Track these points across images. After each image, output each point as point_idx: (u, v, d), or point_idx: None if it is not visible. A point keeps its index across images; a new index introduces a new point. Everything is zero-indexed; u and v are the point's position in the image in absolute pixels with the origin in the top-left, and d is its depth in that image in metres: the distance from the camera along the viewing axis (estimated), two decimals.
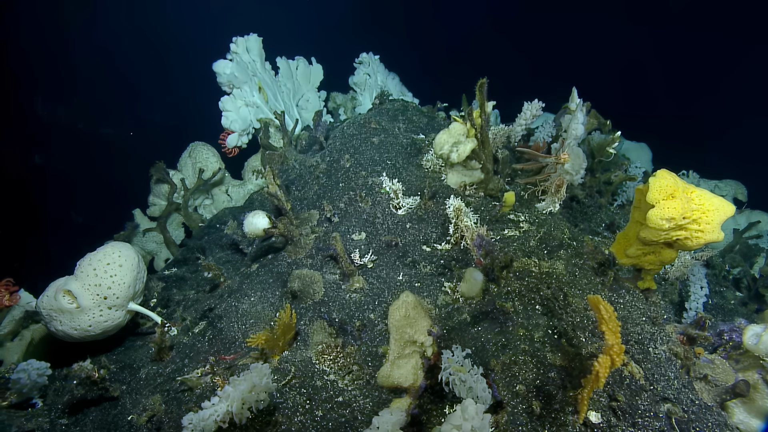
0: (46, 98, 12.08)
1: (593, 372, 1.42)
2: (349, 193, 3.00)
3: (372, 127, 3.46)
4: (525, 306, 2.19)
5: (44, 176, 11.59)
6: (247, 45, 4.23)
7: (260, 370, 1.63)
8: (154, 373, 2.36)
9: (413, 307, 1.75)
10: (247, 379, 1.62)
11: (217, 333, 2.49)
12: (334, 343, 2.33)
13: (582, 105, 2.50)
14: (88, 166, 12.74)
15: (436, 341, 1.81)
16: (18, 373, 2.19)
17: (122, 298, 2.50)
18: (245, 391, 1.60)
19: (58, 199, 11.78)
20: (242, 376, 1.63)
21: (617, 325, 1.40)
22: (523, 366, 1.84)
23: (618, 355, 1.37)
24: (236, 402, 1.62)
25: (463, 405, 1.32)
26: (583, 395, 1.49)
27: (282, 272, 2.74)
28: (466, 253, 2.52)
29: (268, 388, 1.65)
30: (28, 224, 10.61)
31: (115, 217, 13.50)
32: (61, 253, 11.71)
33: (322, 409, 1.85)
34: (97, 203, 12.38)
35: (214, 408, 1.63)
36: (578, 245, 2.58)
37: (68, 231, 11.69)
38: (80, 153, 12.60)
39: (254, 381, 1.61)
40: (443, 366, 1.76)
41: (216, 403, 1.64)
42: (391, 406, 1.66)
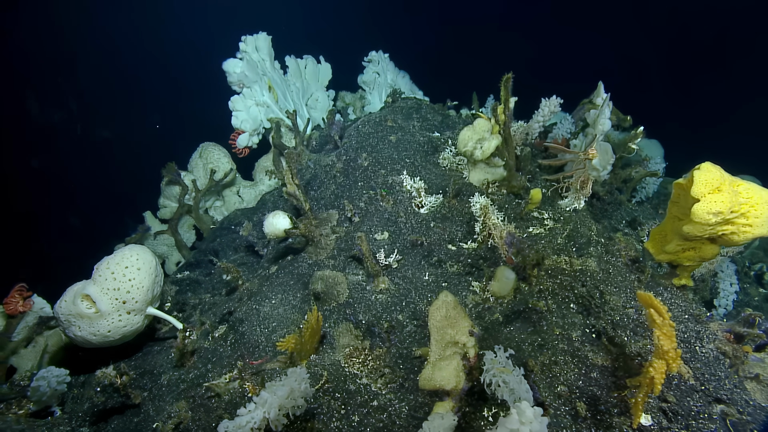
0: (43, 101, 11.96)
1: (647, 377, 1.37)
2: (368, 192, 2.94)
3: (389, 125, 3.41)
4: (559, 305, 2.15)
5: (42, 180, 11.46)
6: (257, 43, 4.17)
7: (298, 374, 1.57)
8: (176, 379, 2.29)
9: (453, 306, 1.70)
10: (286, 384, 1.56)
11: (239, 337, 2.43)
12: (362, 346, 2.28)
13: (609, 100, 2.46)
14: (86, 169, 12.60)
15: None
16: (38, 380, 2.12)
17: (141, 302, 2.44)
18: (284, 397, 1.54)
19: (56, 202, 11.64)
20: (280, 381, 1.57)
21: (671, 326, 1.35)
22: (564, 366, 1.79)
23: (674, 360, 1.32)
24: (274, 408, 1.56)
25: (520, 408, 1.27)
26: (636, 400, 1.44)
27: (303, 274, 2.68)
28: (493, 252, 2.47)
29: (306, 393, 1.59)
30: (26, 228, 10.48)
31: (113, 220, 13.36)
32: (59, 258, 11.59)
33: (359, 414, 1.79)
34: (95, 207, 12.25)
35: (251, 415, 1.57)
36: (607, 242, 2.53)
37: (66, 235, 11.56)
38: (78, 156, 12.47)
39: (293, 385, 1.55)
40: (485, 367, 1.71)
41: (252, 410, 1.58)
42: (434, 410, 1.60)
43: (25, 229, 10.63)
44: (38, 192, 11.69)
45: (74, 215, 12.74)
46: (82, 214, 12.57)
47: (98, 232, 12.58)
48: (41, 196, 11.62)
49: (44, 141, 12.01)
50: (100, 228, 12.71)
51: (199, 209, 3.79)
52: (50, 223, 11.64)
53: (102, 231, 12.86)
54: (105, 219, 12.84)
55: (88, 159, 12.98)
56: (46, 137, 12.15)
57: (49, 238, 11.36)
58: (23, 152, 11.65)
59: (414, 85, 4.84)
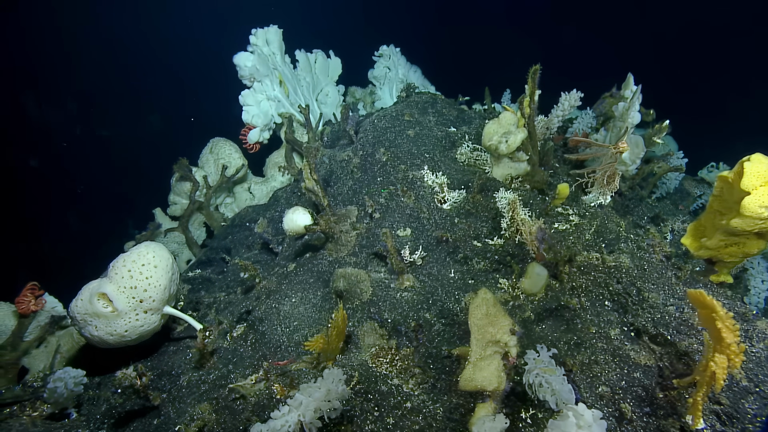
0: (41, 100, 11.84)
1: (707, 374, 1.31)
2: (389, 187, 2.87)
3: (406, 120, 3.34)
4: (593, 302, 2.08)
5: (40, 180, 11.34)
6: (267, 36, 4.09)
7: (335, 375, 1.50)
8: (196, 380, 2.22)
9: (493, 304, 1.63)
10: (323, 386, 1.49)
11: (259, 337, 2.36)
12: (388, 345, 2.21)
13: (639, 92, 2.40)
14: (85, 169, 12.48)
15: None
16: (55, 382, 2.05)
17: (158, 301, 2.36)
18: (320, 399, 1.48)
19: (55, 203, 11.52)
20: (315, 383, 1.51)
21: (731, 320, 1.29)
22: (605, 366, 1.73)
23: (737, 354, 1.26)
24: (309, 410, 1.49)
25: (576, 410, 1.21)
26: (695, 400, 1.38)
27: (323, 271, 2.61)
28: (521, 248, 2.40)
29: (342, 395, 1.53)
30: (25, 229, 10.36)
31: (113, 221, 13.26)
32: (58, 258, 11.48)
33: (393, 417, 1.72)
34: (94, 207, 12.13)
35: (285, 418, 1.50)
36: (637, 238, 2.47)
37: (66, 235, 11.44)
38: (77, 156, 12.34)
39: (330, 387, 1.48)
40: (527, 367, 1.64)
41: (286, 413, 1.51)
42: (476, 412, 1.54)
43: (24, 229, 10.52)
44: (38, 192, 11.57)
45: (74, 216, 12.62)
46: (81, 215, 12.45)
47: (98, 233, 12.47)
48: (41, 196, 11.50)
49: (44, 141, 11.90)
50: (99, 228, 12.61)
51: (210, 206, 3.71)
52: (50, 224, 11.53)
53: (102, 231, 12.77)
54: (105, 219, 12.74)
55: (88, 159, 12.86)
56: (45, 137, 12.04)
57: (48, 239, 11.26)
58: (22, 152, 11.53)
59: (426, 80, 4.77)
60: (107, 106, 13.46)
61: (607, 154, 2.35)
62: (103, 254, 10.34)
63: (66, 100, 12.63)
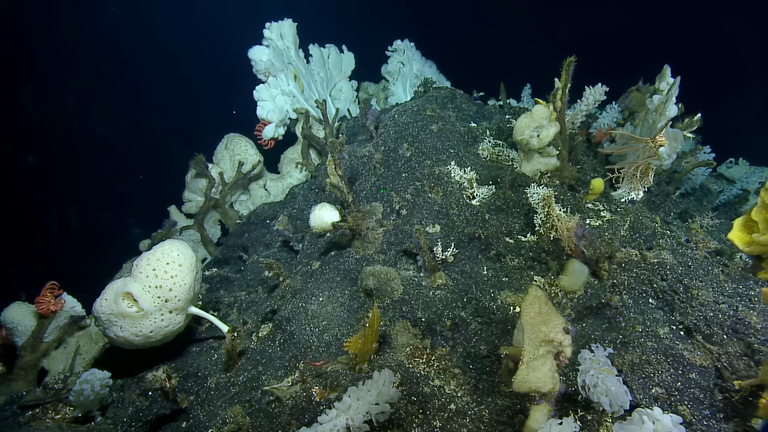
0: (39, 96, 11.71)
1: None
2: (414, 183, 2.81)
3: (428, 115, 3.27)
4: (635, 300, 2.03)
5: (38, 178, 11.22)
6: (281, 30, 4.01)
7: (386, 376, 1.44)
8: (225, 382, 2.16)
9: (545, 302, 1.57)
10: (373, 388, 1.43)
11: (288, 337, 2.29)
12: (422, 345, 2.15)
13: (678, 84, 2.33)
14: (83, 166, 12.36)
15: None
16: (81, 384, 1.98)
17: (183, 300, 2.29)
18: (371, 402, 1.41)
19: (54, 200, 11.41)
20: (366, 385, 1.44)
21: None
22: (658, 366, 1.67)
23: None
24: (359, 415, 1.43)
25: (652, 414, 1.15)
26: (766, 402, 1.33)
27: (350, 269, 2.54)
28: (556, 244, 2.34)
29: (392, 397, 1.46)
30: (23, 227, 10.26)
31: (111, 219, 13.06)
32: (57, 256, 11.34)
33: (440, 419, 1.66)
34: (93, 205, 12.02)
35: (333, 422, 1.44)
36: (673, 233, 2.41)
37: (64, 233, 11.33)
38: (75, 153, 12.22)
39: (381, 389, 1.42)
40: (582, 367, 1.59)
41: (334, 417, 1.45)
42: (532, 415, 1.48)
43: (23, 227, 10.40)
44: (36, 190, 11.45)
45: (73, 213, 12.49)
46: (81, 212, 12.31)
47: (98, 231, 12.36)
48: (39, 194, 11.37)
49: (42, 138, 11.77)
50: (100, 226, 12.49)
51: (225, 203, 3.64)
52: (48, 222, 11.41)
53: (102, 229, 12.64)
54: (105, 217, 12.61)
55: (87, 156, 12.73)
56: (44, 134, 11.92)
57: (48, 237, 11.14)
58: (21, 149, 11.40)
59: (442, 75, 4.70)
60: (107, 104, 13.32)
61: (641, 149, 2.29)
62: (105, 252, 10.24)
63: (64, 98, 12.49)
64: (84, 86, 12.45)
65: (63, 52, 12.22)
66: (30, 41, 11.33)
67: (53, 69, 11.95)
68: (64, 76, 12.13)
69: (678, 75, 2.41)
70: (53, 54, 11.98)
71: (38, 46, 11.49)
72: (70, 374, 2.53)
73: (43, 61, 11.75)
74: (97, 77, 12.86)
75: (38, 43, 11.47)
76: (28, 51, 11.32)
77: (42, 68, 11.81)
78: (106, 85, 13.02)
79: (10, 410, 2.14)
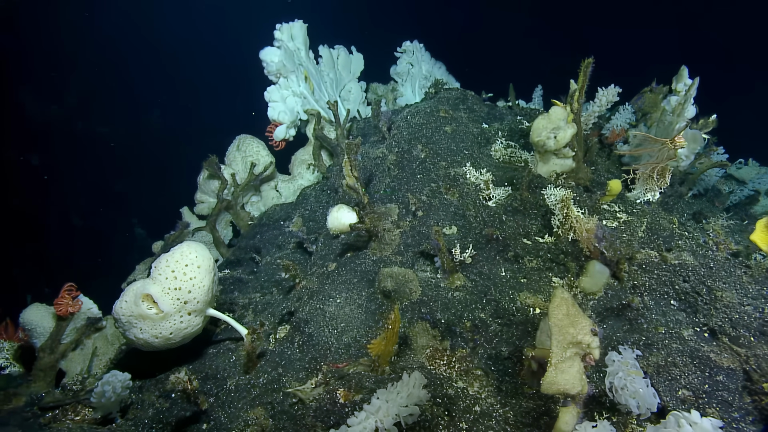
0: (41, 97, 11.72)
1: None
2: (430, 184, 2.81)
3: (442, 116, 3.27)
4: (657, 301, 2.02)
5: (41, 178, 11.24)
6: (292, 32, 4.01)
7: (416, 378, 1.44)
8: (245, 384, 2.15)
9: (572, 304, 1.57)
10: (403, 390, 1.43)
11: (306, 339, 2.29)
12: (442, 346, 2.15)
13: (696, 86, 2.33)
14: (86, 166, 12.37)
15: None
16: (103, 385, 1.98)
17: (202, 302, 2.29)
18: (401, 404, 1.41)
19: (56, 201, 11.42)
20: (396, 387, 1.44)
21: None
22: (684, 368, 1.67)
23: None
24: (389, 417, 1.43)
25: (690, 418, 1.15)
26: None
27: (367, 271, 2.54)
28: (574, 246, 2.34)
29: (422, 399, 1.46)
30: (26, 228, 10.27)
31: (114, 219, 13.01)
32: (61, 257, 11.33)
33: (465, 422, 1.66)
34: (95, 205, 12.03)
35: (362, 425, 1.44)
36: (691, 234, 2.41)
37: (67, 234, 11.34)
38: (77, 153, 12.23)
39: (411, 391, 1.42)
40: (610, 369, 1.59)
41: (363, 419, 1.45)
42: (560, 417, 1.48)
43: (25, 228, 10.41)
44: (38, 190, 11.45)
45: (75, 213, 12.49)
46: (83, 212, 12.30)
47: (101, 231, 12.35)
48: (42, 194, 11.38)
49: (44, 139, 11.77)
50: (102, 226, 12.48)
51: (237, 204, 3.64)
52: (51, 222, 11.41)
53: (104, 229, 12.62)
54: (107, 217, 12.59)
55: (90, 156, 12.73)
56: (46, 135, 11.93)
57: (49, 237, 11.14)
58: (22, 150, 11.40)
59: (451, 76, 4.70)
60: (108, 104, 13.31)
61: (659, 150, 2.29)
62: (108, 252, 10.21)
63: (63, 97, 12.50)
64: (85, 86, 12.46)
65: (64, 52, 12.24)
66: (31, 41, 11.35)
67: (54, 69, 11.97)
68: (66, 75, 12.15)
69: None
70: (54, 54, 12.00)
71: (39, 46, 11.51)
72: (87, 376, 2.54)
73: (44, 61, 11.77)
74: (98, 77, 12.87)
75: (39, 43, 11.49)
76: (29, 51, 11.34)
77: (43, 68, 11.83)
78: (107, 85, 13.04)
79: (31, 411, 2.14)
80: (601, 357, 1.58)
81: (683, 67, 2.44)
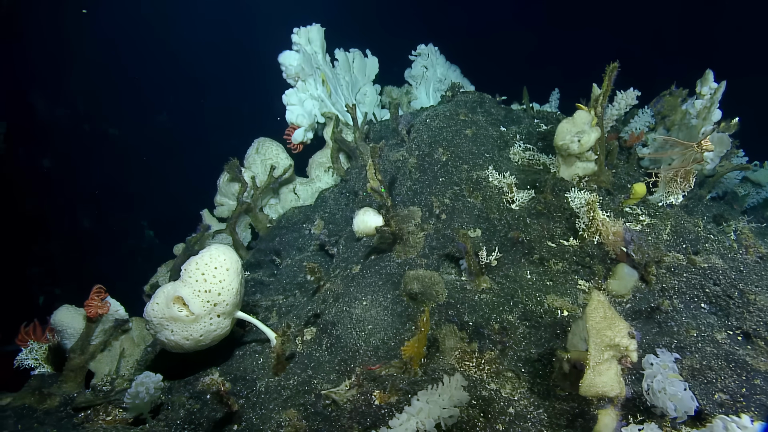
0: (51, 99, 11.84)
1: None
2: (452, 187, 2.83)
3: (462, 119, 3.29)
4: (686, 304, 2.03)
5: (51, 180, 11.34)
6: (310, 35, 4.05)
7: (457, 380, 1.46)
8: (275, 386, 2.18)
9: (608, 307, 1.59)
10: (444, 392, 1.44)
11: (334, 341, 2.31)
12: (470, 349, 2.16)
13: (723, 89, 2.34)
14: (95, 168, 12.47)
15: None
16: (137, 386, 2.00)
17: (231, 305, 2.32)
18: (443, 405, 1.43)
19: (67, 203, 11.51)
20: (438, 389, 1.46)
21: None
22: (720, 372, 1.68)
23: None
24: (430, 418, 1.45)
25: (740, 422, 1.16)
26: None
27: (392, 273, 2.56)
28: (599, 248, 2.35)
29: (462, 401, 1.48)
30: (38, 230, 10.36)
31: (124, 221, 13.07)
32: (71, 259, 11.40)
33: (501, 423, 1.67)
34: (105, 207, 12.12)
35: (404, 426, 1.45)
36: (717, 237, 2.42)
37: (78, 236, 11.43)
38: (87, 155, 12.34)
39: (453, 393, 1.43)
40: (648, 372, 1.60)
41: (405, 421, 1.47)
42: (600, 420, 1.49)
43: (36, 230, 10.50)
44: (49, 192, 11.55)
45: (86, 215, 12.58)
46: (93, 214, 12.39)
47: (111, 232, 12.42)
48: (52, 196, 11.47)
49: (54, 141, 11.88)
50: (112, 228, 12.55)
51: (257, 207, 3.67)
52: (61, 225, 11.50)
53: (114, 230, 12.69)
54: (117, 218, 12.67)
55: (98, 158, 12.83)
56: (56, 137, 12.03)
57: (59, 240, 11.22)
58: (33, 152, 11.51)
59: (466, 79, 4.72)
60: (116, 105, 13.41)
61: (683, 153, 2.29)
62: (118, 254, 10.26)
63: (72, 99, 12.61)
64: (94, 88, 12.58)
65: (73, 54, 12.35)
66: (40, 44, 11.47)
67: (63, 71, 12.09)
68: (75, 78, 12.26)
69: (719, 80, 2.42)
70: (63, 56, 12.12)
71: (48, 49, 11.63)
72: (116, 377, 2.57)
73: (53, 64, 11.89)
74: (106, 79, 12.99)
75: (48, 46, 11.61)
76: (38, 54, 11.46)
77: (52, 71, 11.95)
78: (116, 87, 13.15)
79: (65, 411, 2.17)
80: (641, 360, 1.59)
81: (708, 70, 2.45)
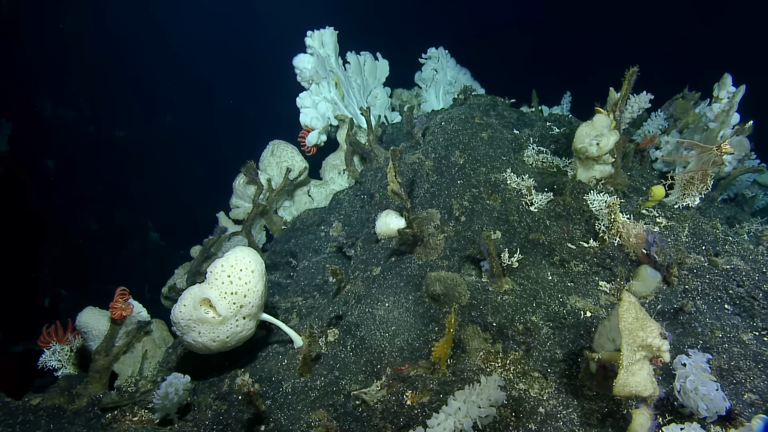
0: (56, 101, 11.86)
1: None
2: (471, 190, 2.85)
3: (477, 122, 3.32)
4: (710, 305, 2.06)
5: (56, 181, 11.36)
6: (323, 38, 4.08)
7: (494, 380, 1.48)
8: (302, 387, 2.20)
9: (640, 308, 1.62)
10: (482, 391, 1.47)
11: (359, 342, 2.33)
12: (494, 349, 2.19)
13: (742, 93, 2.38)
14: (101, 170, 12.49)
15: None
16: (167, 387, 2.02)
17: (256, 306, 2.34)
18: (483, 405, 1.45)
19: (72, 204, 11.53)
20: (475, 388, 1.48)
21: None
22: (749, 372, 1.70)
23: None
24: (468, 418, 1.47)
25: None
26: None
27: (413, 275, 2.59)
28: (620, 250, 2.38)
29: (498, 401, 1.50)
30: (43, 232, 10.37)
31: (129, 223, 13.10)
32: (77, 261, 11.42)
33: (533, 423, 1.70)
34: (111, 208, 12.13)
35: (443, 426, 1.48)
36: (736, 239, 2.45)
37: (83, 238, 11.44)
38: (93, 157, 12.36)
39: (491, 393, 1.46)
40: (680, 372, 1.62)
41: (443, 420, 1.49)
42: (634, 420, 1.52)
43: (40, 232, 10.51)
44: (55, 194, 11.57)
45: (91, 216, 12.60)
46: (99, 215, 12.41)
47: (116, 234, 12.42)
48: (58, 198, 11.49)
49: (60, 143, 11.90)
50: (118, 229, 12.56)
51: (272, 209, 3.70)
52: (66, 226, 11.52)
53: (120, 232, 12.70)
54: (122, 220, 12.68)
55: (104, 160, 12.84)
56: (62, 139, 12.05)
57: (65, 242, 11.24)
58: (39, 154, 11.53)
59: (476, 82, 4.75)
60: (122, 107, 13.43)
61: (702, 156, 2.33)
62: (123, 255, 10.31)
63: (77, 101, 12.64)
64: (100, 90, 12.61)
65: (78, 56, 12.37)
66: (45, 46, 11.49)
67: (69, 73, 12.12)
68: (81, 79, 12.30)
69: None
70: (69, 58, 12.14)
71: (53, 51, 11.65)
72: (140, 378, 2.58)
73: (59, 66, 11.91)
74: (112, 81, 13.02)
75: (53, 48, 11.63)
76: (44, 56, 11.49)
77: (58, 73, 11.97)
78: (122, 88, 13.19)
79: (93, 412, 2.19)
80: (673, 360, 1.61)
81: (726, 74, 2.49)
